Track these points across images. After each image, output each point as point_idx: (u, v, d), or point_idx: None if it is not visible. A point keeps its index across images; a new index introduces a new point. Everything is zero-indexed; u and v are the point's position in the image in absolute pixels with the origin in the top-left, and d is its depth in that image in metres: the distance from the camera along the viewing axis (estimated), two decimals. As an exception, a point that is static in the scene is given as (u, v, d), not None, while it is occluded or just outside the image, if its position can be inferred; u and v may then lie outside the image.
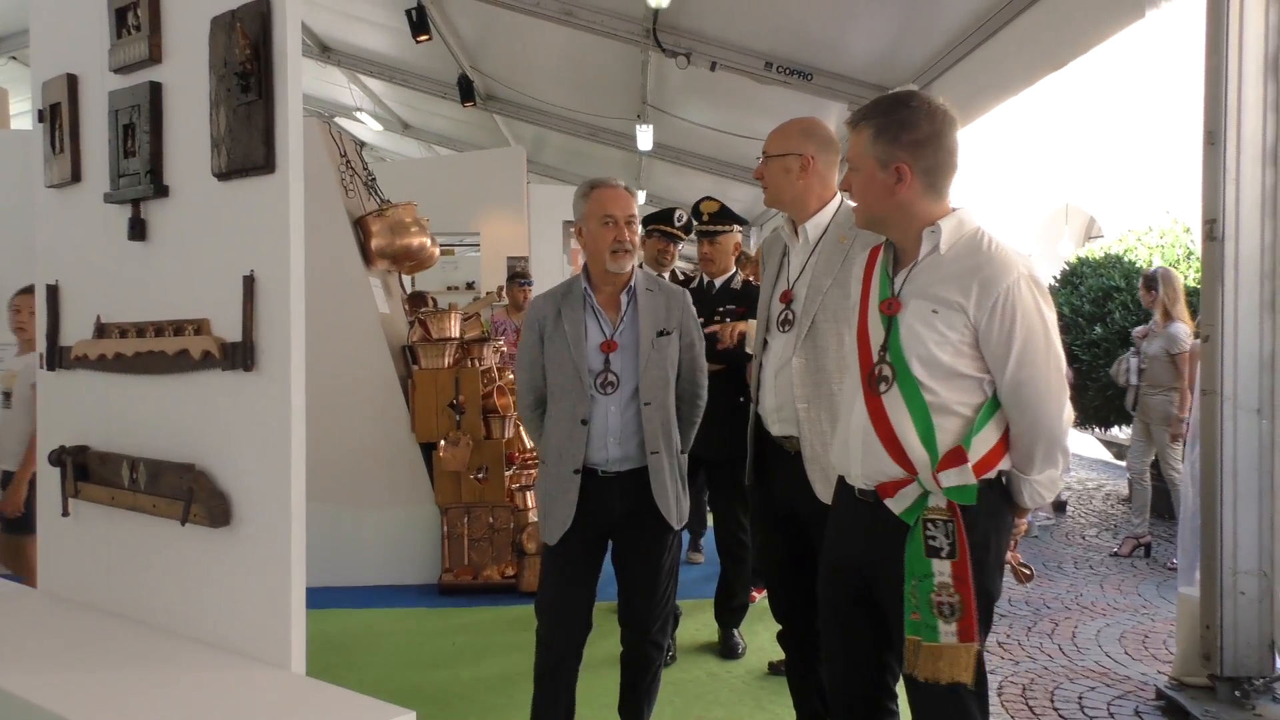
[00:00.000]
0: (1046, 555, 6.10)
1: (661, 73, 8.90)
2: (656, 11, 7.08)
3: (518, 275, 7.91)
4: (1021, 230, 15.90)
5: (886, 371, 2.06)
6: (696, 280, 4.32)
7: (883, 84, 7.12)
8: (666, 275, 4.87)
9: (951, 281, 2.01)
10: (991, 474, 2.04)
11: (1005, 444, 2.05)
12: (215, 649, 2.26)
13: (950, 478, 1.98)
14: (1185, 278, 7.67)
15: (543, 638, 2.96)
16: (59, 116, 2.70)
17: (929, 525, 1.99)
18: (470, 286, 11.20)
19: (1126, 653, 4.33)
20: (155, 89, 2.43)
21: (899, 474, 2.04)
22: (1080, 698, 3.81)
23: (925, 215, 2.08)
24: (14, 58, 10.79)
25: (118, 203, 2.53)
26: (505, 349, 6.38)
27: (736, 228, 4.29)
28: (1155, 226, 8.68)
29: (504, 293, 8.28)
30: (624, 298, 2.91)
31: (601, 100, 10.32)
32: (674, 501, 2.89)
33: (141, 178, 2.45)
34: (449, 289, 11.08)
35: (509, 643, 4.33)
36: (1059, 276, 9.17)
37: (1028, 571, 2.43)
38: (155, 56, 2.42)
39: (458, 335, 5.53)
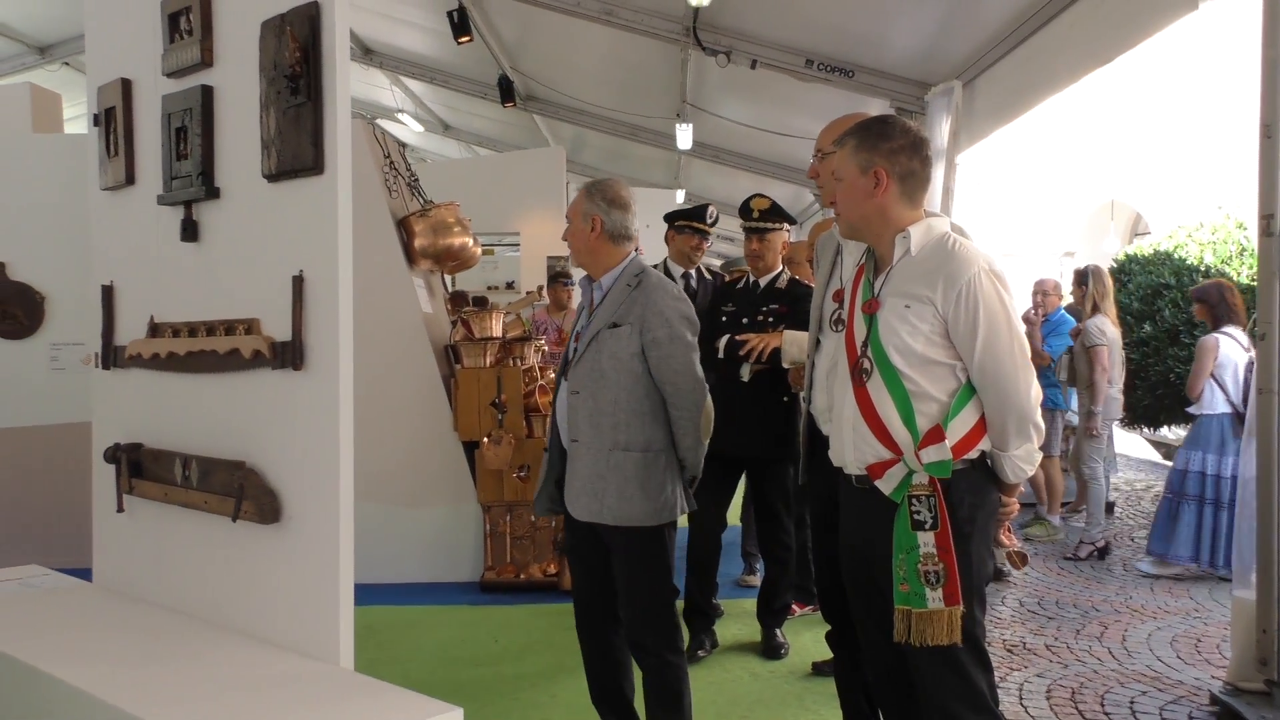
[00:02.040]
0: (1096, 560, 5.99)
1: (701, 71, 8.88)
2: (697, 10, 7.06)
3: (559, 275, 7.93)
4: (1066, 227, 15.66)
5: (867, 364, 2.27)
6: (743, 280, 4.29)
7: (925, 80, 7.05)
8: (694, 271, 4.86)
9: (921, 279, 2.23)
10: (974, 454, 2.23)
11: (983, 426, 2.24)
12: (265, 643, 2.29)
13: (930, 454, 2.19)
14: (1239, 274, 7.52)
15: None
16: (113, 120, 2.76)
17: (914, 501, 2.20)
18: (510, 286, 11.25)
19: (1179, 657, 4.25)
20: (207, 92, 2.47)
21: (886, 455, 2.25)
22: (1132, 702, 3.75)
23: (899, 221, 2.29)
24: (66, 63, 11.03)
25: (170, 204, 2.58)
26: (547, 348, 6.40)
27: (786, 226, 4.27)
28: (1207, 222, 8.50)
29: (544, 292, 8.31)
30: (596, 292, 2.96)
31: (641, 99, 10.32)
32: (592, 495, 2.82)
33: (193, 180, 2.49)
34: (489, 288, 11.14)
35: (551, 640, 4.34)
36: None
37: (1021, 555, 2.58)
38: (207, 60, 2.47)
39: (500, 334, 5.56)
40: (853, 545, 2.43)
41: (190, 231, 2.53)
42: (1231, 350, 5.43)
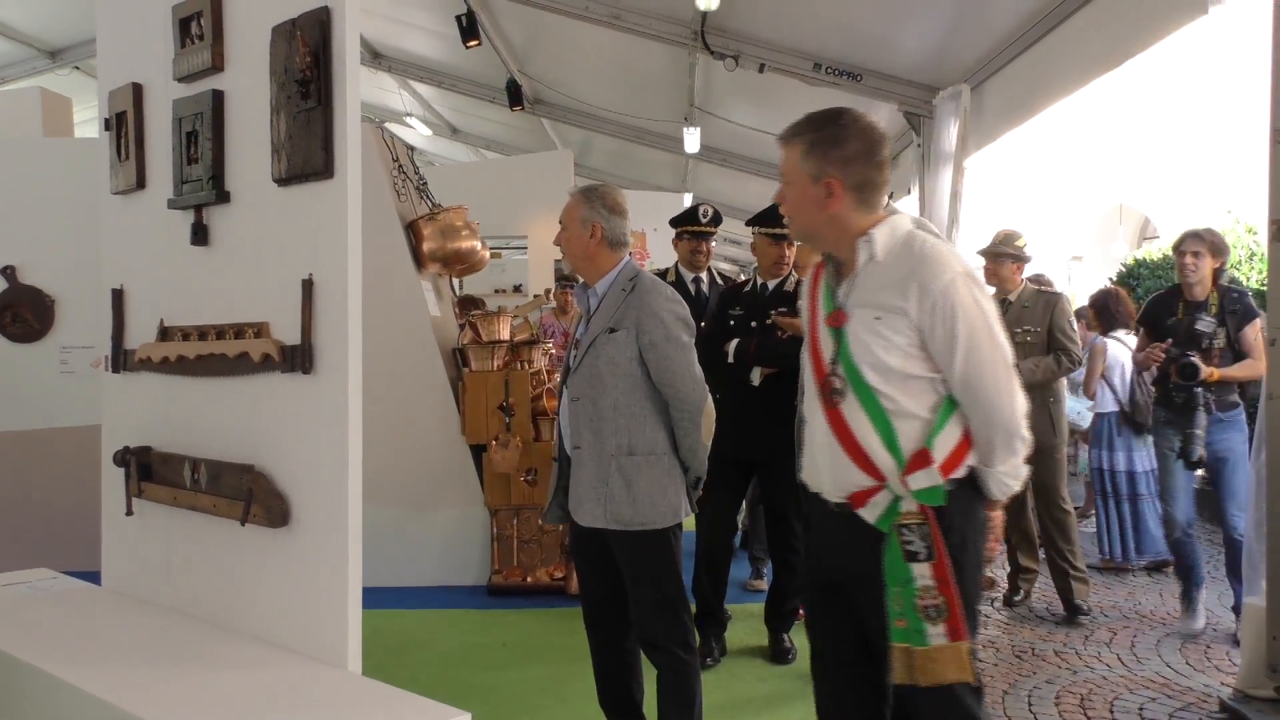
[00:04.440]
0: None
1: (709, 75, 8.89)
2: (705, 14, 7.07)
3: (566, 279, 7.94)
4: (1074, 231, 15.62)
5: (838, 383, 2.10)
6: (750, 284, 4.28)
7: (934, 84, 7.05)
8: (704, 275, 4.85)
9: (891, 287, 2.05)
10: (960, 472, 2.07)
11: (969, 441, 2.09)
12: (273, 647, 2.30)
13: (919, 480, 2.02)
14: (1248, 279, 7.49)
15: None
16: (124, 124, 2.77)
17: (904, 530, 2.02)
18: (518, 289, 11.27)
19: (1188, 663, 4.23)
20: (218, 97, 2.48)
21: (868, 483, 2.07)
22: (1141, 709, 3.73)
23: (857, 227, 2.12)
24: (77, 68, 11.08)
25: (181, 208, 2.59)
26: (554, 351, 6.41)
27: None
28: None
29: (551, 295, 8.32)
30: (592, 299, 2.96)
31: (648, 103, 10.33)
32: (596, 500, 2.82)
33: (204, 184, 2.50)
34: (496, 291, 11.16)
35: (558, 644, 4.34)
36: (1115, 278, 9.00)
37: (991, 577, 2.40)
38: (218, 65, 2.48)
39: (508, 338, 5.56)
40: (827, 572, 2.24)
41: (200, 235, 2.54)
42: (1119, 352, 5.89)
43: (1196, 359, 4.28)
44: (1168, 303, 4.59)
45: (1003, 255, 4.90)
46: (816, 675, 2.31)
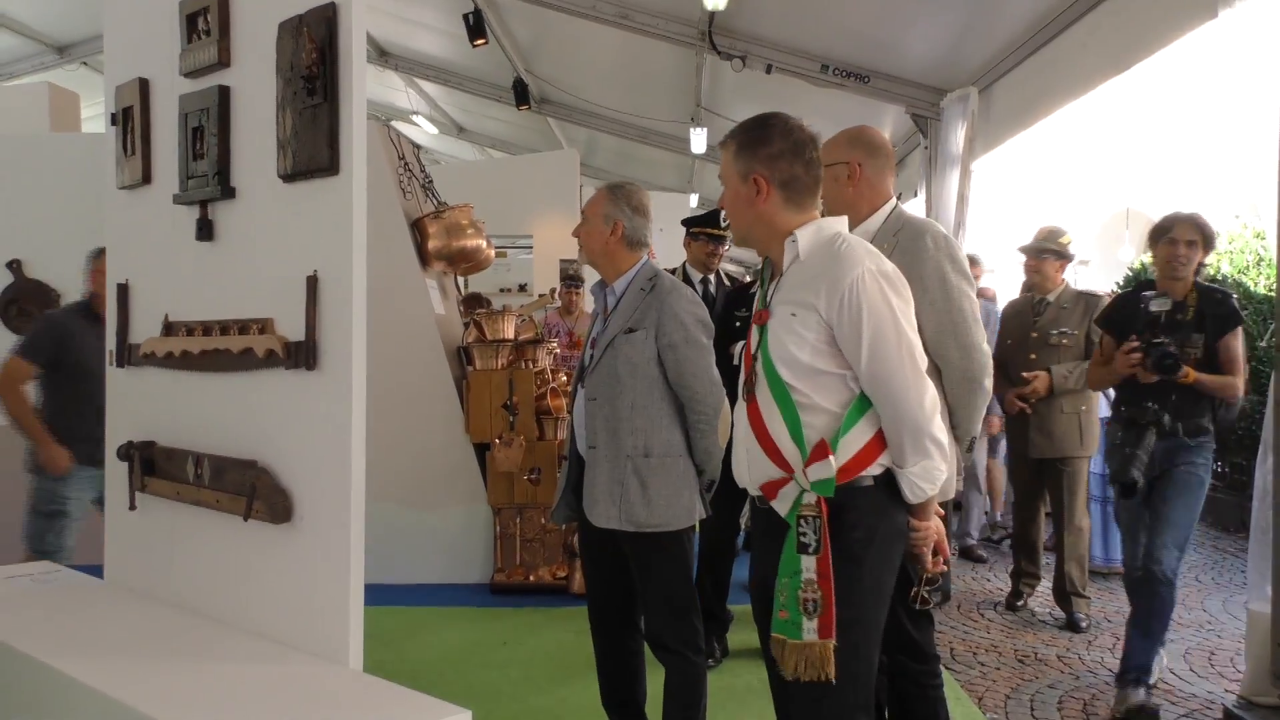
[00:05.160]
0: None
1: (716, 75, 8.89)
2: (712, 14, 7.06)
3: (571, 278, 7.94)
4: (1080, 235, 15.58)
5: (754, 378, 2.16)
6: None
7: (942, 86, 7.04)
8: (712, 277, 4.85)
9: (807, 285, 2.10)
10: (875, 470, 2.08)
11: (882, 441, 2.09)
12: (274, 643, 2.29)
13: (815, 471, 2.04)
14: (1256, 284, 7.46)
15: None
16: (131, 120, 2.77)
17: (801, 521, 2.04)
18: (523, 289, 11.27)
19: (1192, 670, 4.21)
20: (224, 92, 2.47)
21: (778, 474, 2.11)
22: (1143, 714, 3.71)
23: (786, 226, 2.16)
24: (85, 63, 11.11)
25: (186, 204, 2.59)
26: (559, 350, 6.40)
27: None
28: (1224, 232, 8.45)
29: (556, 294, 8.32)
30: (609, 297, 2.96)
31: (655, 103, 10.34)
32: (611, 501, 2.82)
33: (209, 179, 2.50)
34: (501, 290, 11.16)
35: (560, 643, 4.34)
36: (1120, 282, 8.97)
37: (933, 598, 2.29)
38: (224, 60, 2.47)
39: (512, 337, 5.56)
40: (759, 573, 2.25)
41: (205, 231, 2.54)
42: None
43: (1173, 347, 3.56)
44: (1135, 303, 3.81)
45: (1045, 252, 4.80)
46: (770, 678, 2.26)
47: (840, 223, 2.21)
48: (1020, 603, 5.01)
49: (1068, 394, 4.64)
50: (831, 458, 2.03)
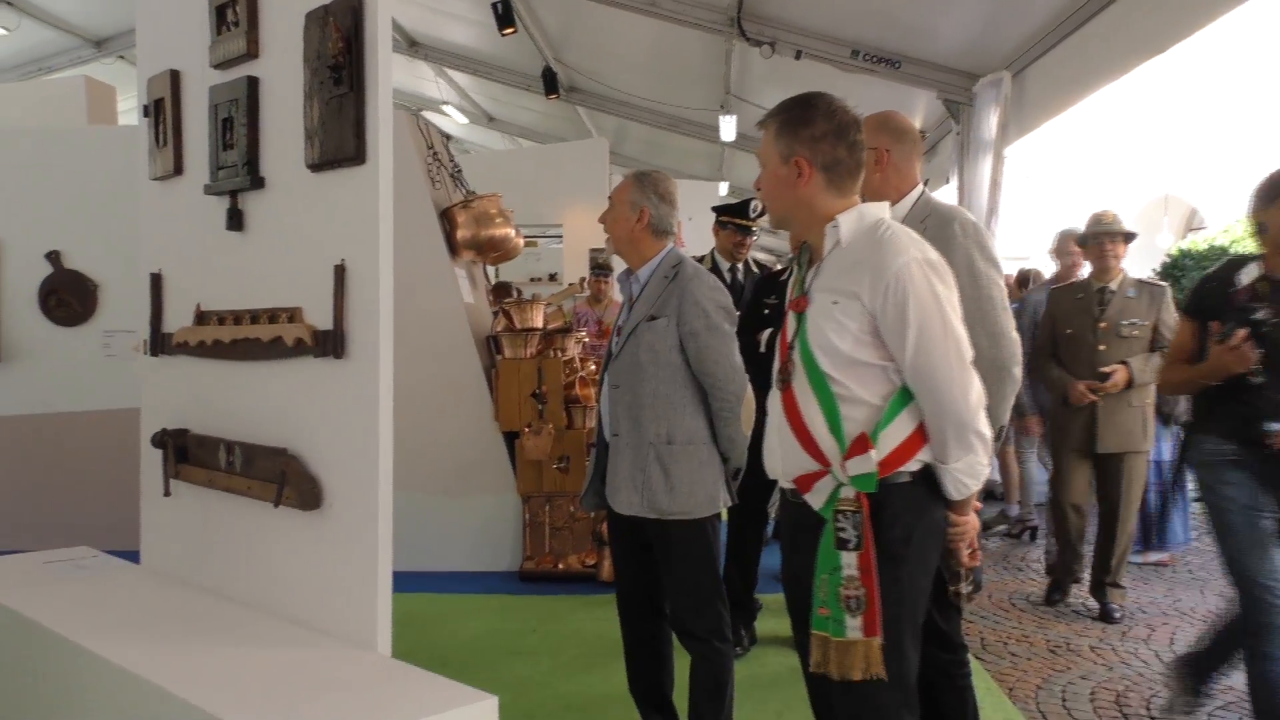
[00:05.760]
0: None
1: (745, 62, 8.83)
2: (741, 1, 7.02)
3: (600, 267, 7.94)
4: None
5: (791, 366, 2.09)
6: (788, 272, 4.26)
7: (974, 71, 6.95)
8: (740, 266, 4.83)
9: (849, 272, 2.03)
10: (913, 465, 2.02)
11: (923, 435, 2.02)
12: (304, 627, 2.32)
13: (856, 465, 1.98)
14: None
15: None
16: (163, 111, 2.80)
17: (839, 517, 1.98)
18: (553, 278, 11.29)
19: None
20: (252, 83, 2.50)
21: (813, 466, 2.05)
22: (1177, 706, 3.67)
23: (827, 211, 2.09)
24: (121, 57, 11.26)
25: (217, 194, 2.62)
26: (587, 339, 6.41)
27: None
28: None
29: (586, 283, 8.32)
30: (634, 286, 2.95)
31: (684, 91, 10.30)
32: (634, 488, 2.82)
33: (239, 170, 2.52)
34: (531, 280, 11.19)
35: (588, 631, 4.36)
36: (1159, 269, 8.84)
37: (967, 590, 2.25)
38: (252, 51, 2.50)
39: (541, 326, 5.57)
40: (790, 564, 2.22)
41: (235, 221, 2.57)
42: None
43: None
44: (1228, 282, 2.96)
45: (1115, 234, 4.62)
46: (804, 671, 2.21)
47: (882, 208, 2.14)
48: (1058, 596, 4.93)
49: (1137, 387, 4.54)
50: (872, 451, 1.97)
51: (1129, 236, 4.65)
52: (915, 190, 2.68)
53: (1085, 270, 5.20)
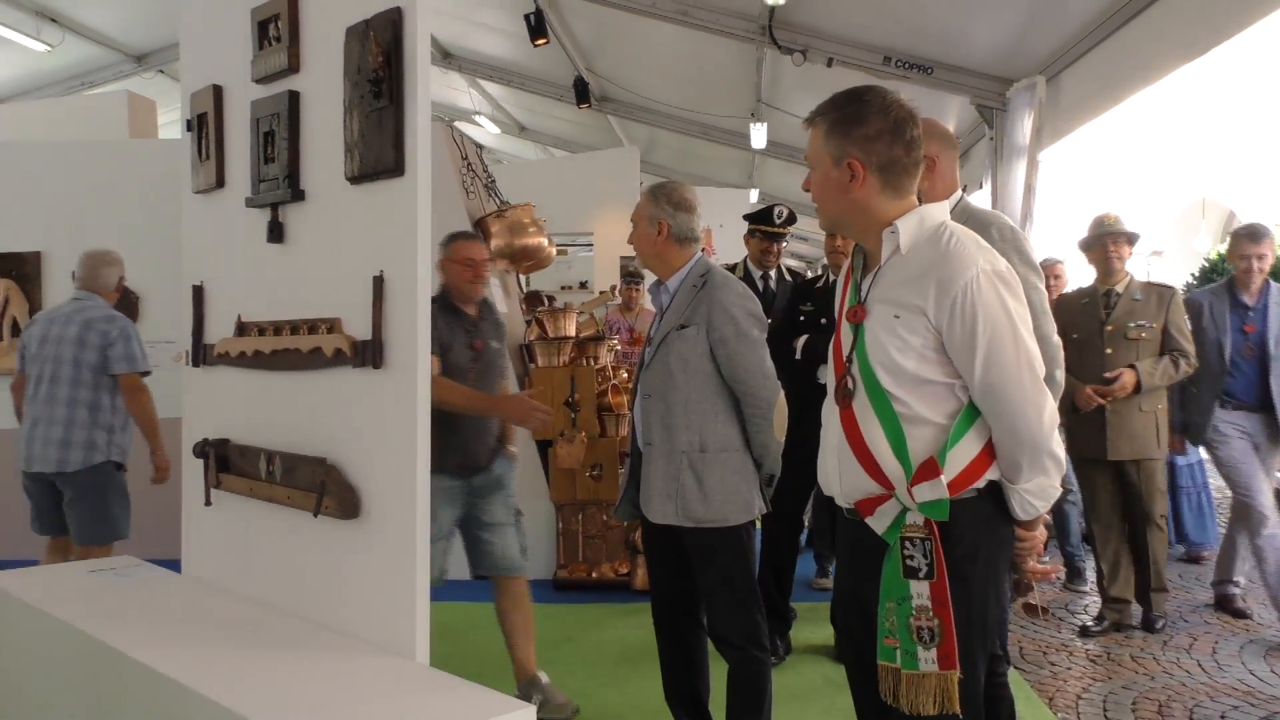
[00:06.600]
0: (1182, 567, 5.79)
1: (776, 70, 8.83)
2: (773, 8, 7.03)
3: (631, 275, 7.96)
4: (1154, 225, 15.17)
5: (851, 383, 1.96)
6: (823, 279, 4.26)
7: (1007, 76, 6.91)
8: (773, 273, 4.82)
9: (911, 283, 1.90)
10: (980, 483, 1.91)
11: (990, 452, 1.91)
12: (343, 636, 2.34)
13: (924, 492, 1.86)
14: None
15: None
16: (205, 125, 2.85)
17: (906, 544, 1.88)
18: (584, 286, 11.32)
19: (1273, 671, 4.07)
20: (294, 97, 2.53)
21: (876, 490, 1.93)
22: (1223, 717, 3.61)
23: (884, 215, 1.96)
24: (162, 71, 11.44)
25: (258, 207, 2.65)
26: (619, 347, 6.43)
27: None
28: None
29: (617, 292, 8.34)
30: (664, 296, 2.96)
31: (715, 99, 10.31)
32: (667, 497, 2.82)
33: (280, 183, 2.56)
34: (563, 288, 11.23)
35: (623, 639, 4.36)
36: (1197, 273, 8.72)
37: (1034, 604, 2.18)
38: (294, 66, 2.53)
39: (574, 334, 5.60)
40: (846, 584, 2.15)
41: (276, 233, 2.60)
42: None
43: None
44: None
45: (1118, 235, 4.57)
46: (851, 687, 2.18)
47: (942, 210, 2.00)
48: (1099, 627, 4.61)
49: (1147, 392, 4.47)
50: (941, 477, 1.85)
51: (1132, 238, 4.62)
52: (955, 195, 2.67)
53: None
